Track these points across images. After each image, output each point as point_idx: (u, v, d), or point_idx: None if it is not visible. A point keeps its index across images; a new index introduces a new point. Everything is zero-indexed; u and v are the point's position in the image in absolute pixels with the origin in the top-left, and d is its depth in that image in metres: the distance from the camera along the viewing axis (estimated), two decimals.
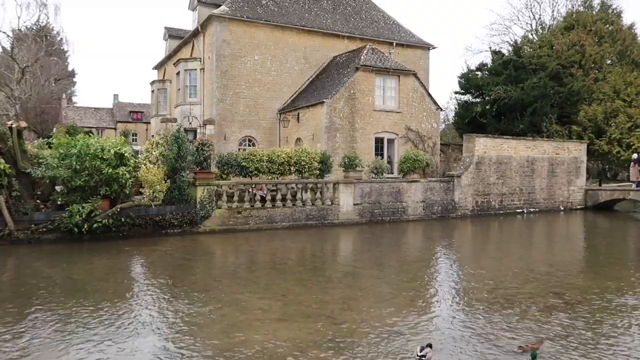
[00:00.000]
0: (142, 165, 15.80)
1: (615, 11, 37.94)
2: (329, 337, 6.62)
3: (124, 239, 14.29)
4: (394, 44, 29.17)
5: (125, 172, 14.05)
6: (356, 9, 30.61)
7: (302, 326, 7.03)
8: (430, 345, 6.03)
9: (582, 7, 39.20)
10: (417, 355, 5.89)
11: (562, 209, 24.93)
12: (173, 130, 18.21)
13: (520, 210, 23.56)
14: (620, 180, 34.11)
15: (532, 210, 23.90)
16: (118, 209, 14.34)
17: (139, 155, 18.79)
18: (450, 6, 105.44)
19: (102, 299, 8.29)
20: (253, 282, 9.77)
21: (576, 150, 25.98)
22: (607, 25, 36.12)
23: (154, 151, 17.15)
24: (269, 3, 27.20)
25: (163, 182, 15.39)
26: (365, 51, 24.40)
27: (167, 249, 13.40)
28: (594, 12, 37.26)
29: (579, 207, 25.50)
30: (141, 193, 15.93)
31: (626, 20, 38.40)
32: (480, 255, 13.76)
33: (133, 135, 55.09)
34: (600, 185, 28.99)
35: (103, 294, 8.64)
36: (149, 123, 42.34)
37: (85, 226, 13.63)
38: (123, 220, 14.45)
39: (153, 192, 15.20)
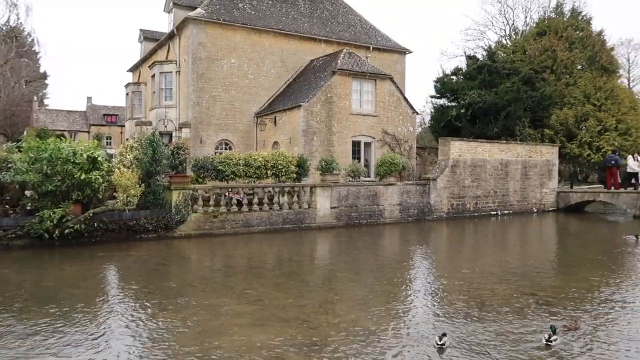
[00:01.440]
0: (116, 169, 15.54)
1: (585, 18, 38.97)
2: (304, 341, 6.60)
3: (96, 245, 14.02)
4: (371, 48, 29.39)
5: (98, 177, 13.79)
6: (333, 13, 30.75)
7: (278, 331, 7.00)
8: (445, 335, 6.53)
9: (553, 14, 40.17)
10: (437, 344, 6.40)
11: (535, 210, 25.43)
12: (148, 133, 17.97)
13: (495, 213, 23.96)
14: (591, 183, 34.99)
15: (506, 212, 24.33)
16: (90, 214, 14.06)
17: (113, 159, 18.49)
18: (426, 11, 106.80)
19: (74, 306, 8.11)
20: (229, 287, 9.69)
21: (548, 153, 26.57)
22: (578, 32, 37.07)
23: (128, 155, 16.88)
24: (245, 6, 27.12)
25: (137, 186, 15.15)
26: (342, 55, 24.52)
27: (141, 254, 13.19)
28: (564, 19, 38.20)
29: (551, 208, 26.06)
30: (115, 197, 15.65)
31: (595, 26, 39.48)
32: (456, 257, 13.92)
33: (107, 139, 54.19)
34: (571, 187, 29.68)
35: (75, 301, 8.44)
36: (124, 126, 41.65)
37: (57, 232, 13.32)
38: (96, 225, 14.17)
39: (127, 197, 14.94)
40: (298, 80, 26.41)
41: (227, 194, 17.33)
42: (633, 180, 24.77)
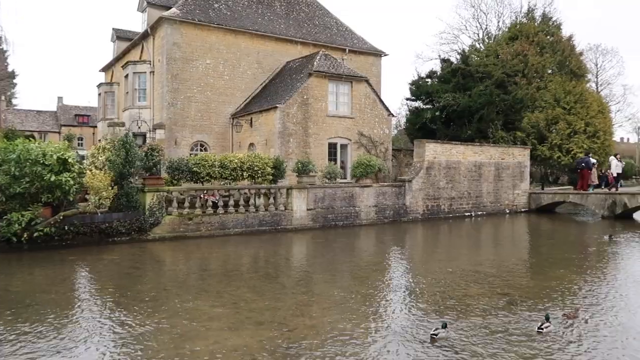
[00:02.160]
0: (88, 171, 15.24)
1: (555, 23, 39.94)
2: (280, 344, 6.57)
3: (67, 248, 13.69)
4: (347, 50, 29.53)
5: (68, 179, 13.48)
6: (309, 15, 30.79)
7: (254, 334, 6.95)
8: (445, 325, 6.85)
9: (525, 19, 41.03)
10: (430, 334, 6.75)
11: (507, 211, 25.92)
12: (121, 134, 17.66)
13: (469, 214, 24.32)
14: (561, 184, 35.87)
15: (479, 213, 24.72)
16: (61, 217, 13.73)
17: (85, 161, 18.12)
18: (402, 14, 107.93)
19: (44, 312, 7.90)
20: (204, 290, 9.58)
21: (520, 156, 27.12)
22: (548, 37, 37.97)
23: (101, 156, 16.58)
24: (221, 7, 26.92)
25: (110, 188, 14.89)
26: (318, 57, 24.56)
27: (113, 258, 12.94)
28: (536, 24, 39.06)
29: (523, 209, 26.60)
30: (87, 200, 15.33)
31: (565, 32, 40.47)
32: (430, 258, 14.08)
33: (79, 140, 53.14)
34: (542, 189, 30.39)
35: (44, 306, 8.23)
36: (96, 127, 40.89)
37: (25, 235, 12.97)
38: (66, 228, 13.84)
39: (99, 199, 14.68)
40: (274, 82, 26.34)
41: (202, 195, 17.16)
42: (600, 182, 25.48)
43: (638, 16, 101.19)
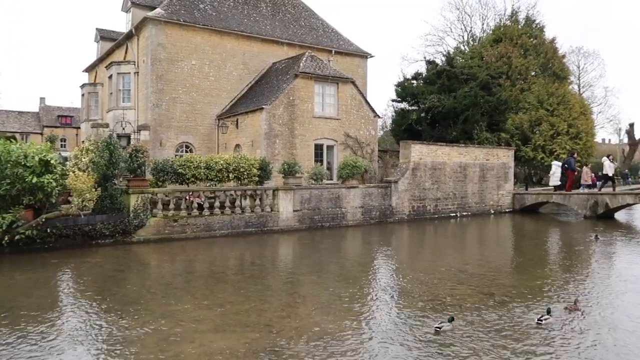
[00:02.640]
0: (71, 173, 15.03)
1: (538, 26, 40.47)
2: (266, 346, 6.54)
3: (50, 251, 13.48)
4: (333, 51, 29.58)
5: (51, 180, 13.26)
6: (295, 16, 30.78)
7: (240, 336, 6.91)
8: (451, 319, 7.16)
9: (508, 22, 41.51)
10: (435, 327, 7.05)
11: (492, 212, 26.17)
12: (105, 135, 17.46)
13: (454, 214, 24.50)
14: (545, 185, 36.31)
15: (464, 214, 24.92)
16: (43, 220, 13.51)
17: (68, 162, 17.88)
18: (387, 16, 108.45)
19: (25, 316, 7.77)
20: (189, 292, 9.50)
21: (505, 157, 27.40)
22: (531, 39, 38.45)
23: (84, 158, 16.39)
24: (206, 7, 26.78)
25: (93, 190, 14.70)
26: (304, 58, 24.55)
27: (97, 261, 12.77)
28: (519, 27, 39.54)
29: (507, 210, 26.87)
30: (69, 202, 15.12)
31: (548, 34, 41.03)
32: (416, 258, 14.14)
33: (62, 141, 52.44)
34: (526, 189, 30.71)
35: (26, 310, 8.08)
36: (79, 128, 40.38)
37: (6, 238, 12.74)
38: (49, 231, 13.63)
39: (82, 201, 14.48)
40: (260, 83, 26.27)
41: (187, 197, 17.03)
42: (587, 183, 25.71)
43: (618, 19, 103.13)
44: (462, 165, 25.17)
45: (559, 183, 26.40)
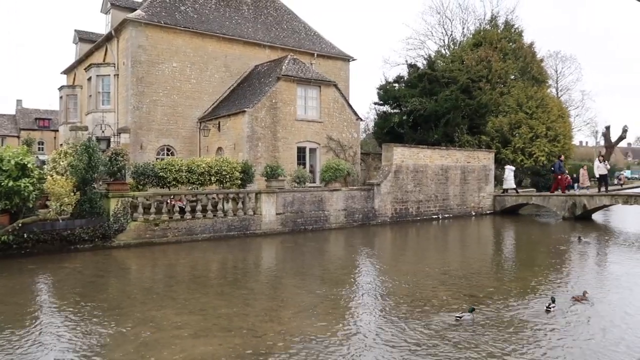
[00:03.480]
0: (49, 177, 14.74)
1: (517, 30, 41.07)
2: (248, 350, 6.49)
3: (27, 257, 13.19)
4: (315, 54, 29.60)
5: (27, 184, 13.00)
6: (277, 19, 30.74)
7: (221, 341, 6.84)
8: (472, 310, 7.64)
9: (488, 26, 42.05)
10: (456, 317, 7.53)
11: (473, 214, 26.44)
12: (83, 139, 17.19)
13: (436, 216, 24.69)
14: (525, 187, 36.83)
15: (446, 216, 25.13)
16: (19, 224, 13.24)
17: (45, 166, 17.54)
18: (370, 20, 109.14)
19: (1, 323, 7.57)
20: (170, 297, 9.38)
21: (485, 159, 27.73)
22: (511, 43, 39.02)
23: (62, 161, 16.10)
24: (188, 9, 26.58)
25: (72, 194, 14.44)
26: (286, 61, 24.53)
27: (76, 266, 12.54)
28: (499, 31, 40.07)
29: (488, 212, 27.19)
30: (47, 206, 14.83)
31: (527, 39, 41.65)
32: (399, 261, 14.20)
33: (39, 144, 51.50)
34: (507, 191, 31.10)
35: (2, 318, 7.88)
36: (58, 131, 39.64)
37: None
38: (26, 236, 13.35)
39: (60, 205, 14.22)
40: (242, 86, 26.15)
41: (169, 201, 16.84)
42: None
43: (594, 25, 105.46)
44: (444, 168, 25.39)
45: (514, 186, 27.24)
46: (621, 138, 45.29)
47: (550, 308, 8.11)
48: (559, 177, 26.01)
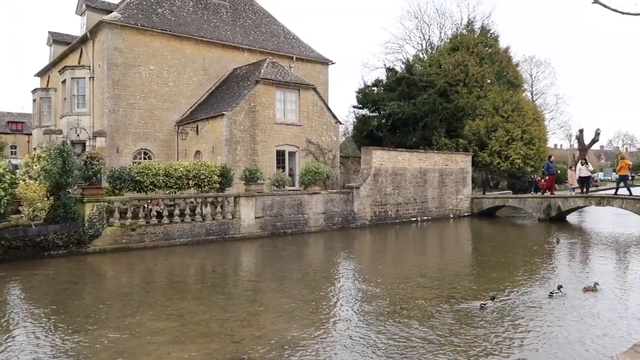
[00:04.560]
0: (21, 181, 14.39)
1: (493, 35, 41.78)
2: (227, 356, 6.42)
3: None
4: (294, 58, 29.59)
5: None
6: (256, 22, 30.66)
7: (199, 347, 6.75)
8: (493, 298, 8.50)
9: (465, 31, 42.68)
10: (480, 304, 8.28)
11: (451, 216, 26.73)
12: (58, 142, 16.83)
13: (415, 219, 24.88)
14: (501, 189, 37.43)
15: (425, 218, 25.35)
16: None
17: (18, 170, 17.12)
18: (349, 24, 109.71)
19: None
20: (147, 303, 9.23)
21: (463, 162, 28.08)
22: (487, 48, 39.66)
23: (35, 165, 15.71)
24: (165, 12, 26.31)
25: (45, 199, 14.12)
26: (265, 64, 24.46)
27: (49, 273, 12.25)
28: (475, 36, 40.71)
29: (466, 214, 27.52)
30: (20, 212, 14.46)
31: (502, 44, 42.38)
32: (378, 263, 14.25)
33: (12, 148, 50.32)
34: (484, 193, 31.57)
35: None
36: (31, 135, 38.77)
37: None
38: None
39: (33, 211, 13.88)
40: (221, 89, 25.98)
41: (146, 205, 16.60)
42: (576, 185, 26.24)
43: (567, 31, 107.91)
44: (422, 171, 25.62)
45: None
46: (594, 141, 46.29)
47: (553, 294, 9.06)
48: (546, 178, 26.48)
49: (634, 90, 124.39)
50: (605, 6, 6.19)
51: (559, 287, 9.32)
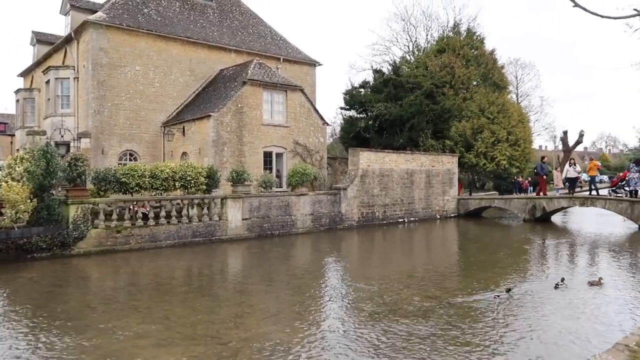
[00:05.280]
0: (3, 183, 14.15)
1: (479, 38, 42.05)
2: (213, 358, 6.38)
3: None
4: (282, 59, 29.56)
5: None
6: (243, 24, 30.57)
7: (185, 350, 6.70)
8: (509, 290, 9.13)
9: (451, 33, 42.91)
10: (494, 295, 8.93)
11: (438, 217, 26.88)
12: (41, 143, 16.60)
13: (402, 220, 24.98)
14: (487, 190, 37.72)
15: (412, 219, 25.46)
16: None
17: (0, 172, 16.84)
18: (336, 26, 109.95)
19: None
20: (132, 306, 9.13)
21: (449, 163, 28.27)
22: (473, 50, 39.91)
23: (18, 167, 15.45)
24: (151, 12, 26.11)
25: (28, 201, 13.89)
26: (252, 65, 24.40)
27: (32, 276, 12.06)
28: (461, 38, 40.94)
29: (452, 215, 27.70)
30: (2, 214, 14.22)
31: (488, 46, 42.65)
32: (365, 264, 14.28)
33: None
34: (470, 194, 31.80)
35: None
36: (14, 136, 38.16)
37: None
38: None
39: (16, 213, 13.65)
40: (207, 90, 25.85)
41: (131, 207, 16.44)
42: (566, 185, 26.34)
43: (551, 34, 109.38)
44: (409, 172, 25.74)
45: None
46: (578, 142, 46.97)
47: (558, 285, 9.76)
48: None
49: (614, 94, 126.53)
50: (585, 9, 6.27)
51: (562, 279, 10.04)
